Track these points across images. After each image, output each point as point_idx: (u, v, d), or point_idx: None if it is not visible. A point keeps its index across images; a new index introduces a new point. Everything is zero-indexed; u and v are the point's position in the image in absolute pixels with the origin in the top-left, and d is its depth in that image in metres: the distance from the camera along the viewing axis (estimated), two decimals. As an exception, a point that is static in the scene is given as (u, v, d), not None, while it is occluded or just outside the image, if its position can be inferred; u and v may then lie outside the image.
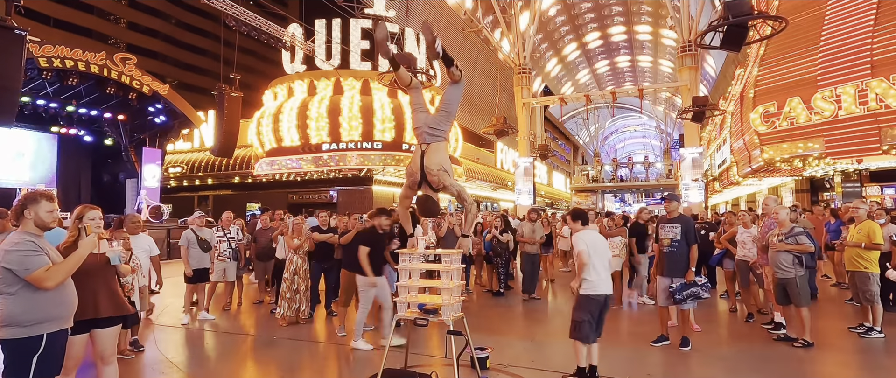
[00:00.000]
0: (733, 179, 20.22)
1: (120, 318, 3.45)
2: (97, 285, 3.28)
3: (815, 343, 5.36)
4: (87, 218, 3.26)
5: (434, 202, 4.00)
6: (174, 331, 6.57)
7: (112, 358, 3.42)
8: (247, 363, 5.31)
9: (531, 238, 8.89)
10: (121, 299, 3.45)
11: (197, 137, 28.66)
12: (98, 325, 3.30)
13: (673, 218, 5.65)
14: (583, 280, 4.39)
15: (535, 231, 8.95)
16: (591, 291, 4.36)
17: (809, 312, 5.38)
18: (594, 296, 4.35)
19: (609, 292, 4.45)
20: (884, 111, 12.16)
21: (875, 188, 14.99)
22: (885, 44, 12.41)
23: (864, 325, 5.92)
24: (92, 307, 3.22)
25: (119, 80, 17.34)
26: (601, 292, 4.37)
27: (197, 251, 6.97)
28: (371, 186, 22.88)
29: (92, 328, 3.28)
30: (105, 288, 3.34)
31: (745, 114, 15.54)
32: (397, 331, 5.41)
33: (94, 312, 3.25)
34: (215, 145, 18.87)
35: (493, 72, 34.25)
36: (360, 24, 22.88)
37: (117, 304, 3.40)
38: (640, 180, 41.78)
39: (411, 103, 4.35)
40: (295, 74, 23.65)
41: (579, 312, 4.35)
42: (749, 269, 6.78)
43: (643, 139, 63.94)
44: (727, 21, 8.83)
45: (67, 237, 3.25)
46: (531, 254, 8.84)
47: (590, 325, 4.31)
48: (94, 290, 3.26)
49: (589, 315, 4.32)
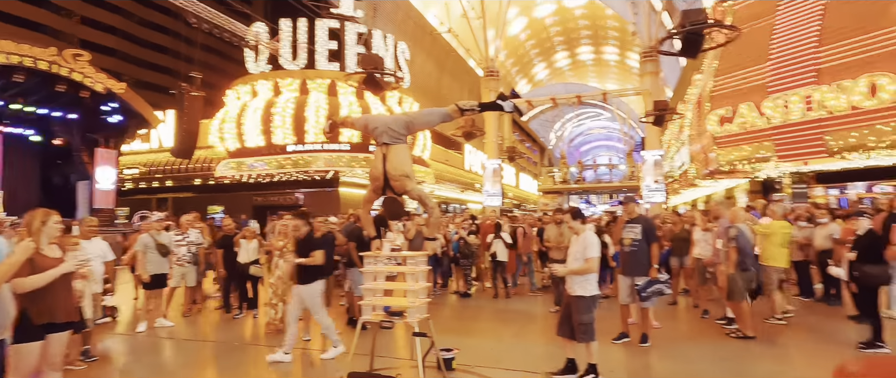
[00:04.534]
0: (692, 181, 21.00)
1: (72, 323, 3.41)
2: (55, 290, 3.22)
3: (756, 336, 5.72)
4: (53, 223, 3.22)
5: (399, 204, 4.01)
6: (129, 339, 6.32)
7: (60, 365, 3.37)
8: (206, 371, 5.16)
9: (559, 242, 7.60)
10: (74, 305, 3.40)
11: (155, 138, 27.60)
12: (54, 330, 3.24)
13: (633, 218, 5.84)
14: (585, 280, 4.40)
15: (563, 234, 7.66)
16: (595, 291, 4.44)
17: (748, 307, 5.78)
18: (596, 295, 4.44)
19: None
20: (827, 117, 12.90)
21: (820, 189, 15.86)
22: (830, 54, 13.16)
23: (774, 317, 6.50)
24: (48, 312, 3.18)
25: (70, 78, 16.52)
26: (597, 292, 4.48)
27: (155, 256, 6.73)
28: (338, 188, 22.59)
29: (47, 333, 3.20)
30: (62, 293, 3.29)
31: (702, 118, 16.19)
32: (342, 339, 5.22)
33: (50, 317, 3.20)
34: (175, 146, 18.25)
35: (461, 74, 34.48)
36: (326, 25, 22.58)
37: (71, 310, 3.38)
38: (605, 182, 42.88)
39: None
40: (259, 74, 23.11)
41: (588, 314, 4.37)
42: (704, 267, 7.08)
43: (607, 142, 65.61)
44: (684, 28, 9.22)
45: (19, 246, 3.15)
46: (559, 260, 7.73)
47: (593, 323, 4.39)
48: (52, 295, 3.20)
49: (593, 315, 4.41)
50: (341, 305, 7.68)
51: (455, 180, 31.63)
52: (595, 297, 4.41)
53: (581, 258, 4.36)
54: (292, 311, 5.20)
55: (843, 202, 14.64)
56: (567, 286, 4.49)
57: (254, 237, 7.42)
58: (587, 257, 4.31)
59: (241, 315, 7.35)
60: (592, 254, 4.31)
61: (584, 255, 4.33)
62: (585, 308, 4.36)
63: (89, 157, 19.61)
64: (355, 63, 20.83)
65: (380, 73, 11.38)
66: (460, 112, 4.08)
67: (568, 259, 4.56)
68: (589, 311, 4.36)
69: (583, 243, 4.38)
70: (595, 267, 4.33)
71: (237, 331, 6.63)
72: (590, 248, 4.33)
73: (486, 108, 4.40)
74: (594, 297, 4.41)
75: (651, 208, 19.30)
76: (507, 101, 4.15)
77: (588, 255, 4.31)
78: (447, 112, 4.13)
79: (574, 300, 4.41)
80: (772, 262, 6.43)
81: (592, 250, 4.32)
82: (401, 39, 25.87)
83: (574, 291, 4.40)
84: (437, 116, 4.24)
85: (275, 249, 6.46)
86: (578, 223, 4.53)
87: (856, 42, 12.63)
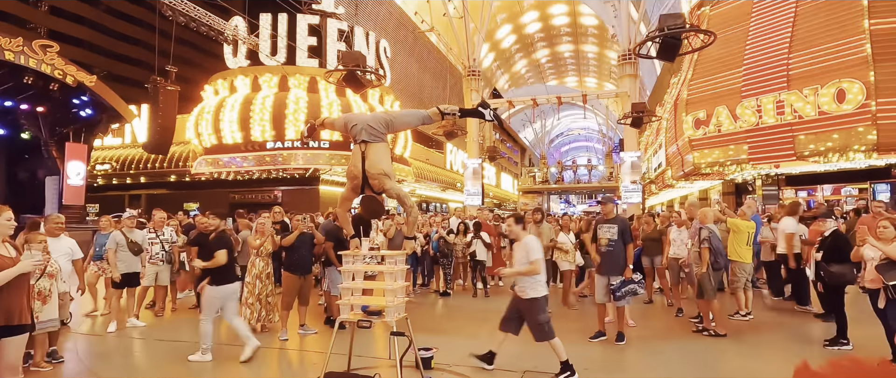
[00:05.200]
0: (668, 182, 21.41)
1: (29, 325, 3.26)
2: (10, 291, 3.07)
3: (726, 333, 5.89)
4: (4, 220, 3.04)
5: (378, 203, 3.99)
6: (99, 340, 6.14)
7: (18, 369, 3.22)
8: (178, 371, 5.05)
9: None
10: (30, 306, 3.25)
11: (128, 132, 26.90)
12: (10, 333, 3.09)
13: (610, 218, 5.93)
14: (535, 282, 4.51)
15: (542, 233, 7.83)
16: (544, 292, 4.56)
17: (719, 305, 5.99)
18: (545, 295, 4.58)
19: None
20: (797, 121, 13.31)
21: (790, 191, 16.35)
22: (800, 60, 13.58)
23: (739, 313, 6.75)
24: (4, 314, 3.03)
25: (38, 69, 15.95)
26: (546, 292, 4.59)
27: (126, 254, 6.55)
28: (318, 186, 22.35)
29: (2, 337, 3.06)
30: (18, 294, 3.13)
31: (678, 121, 16.53)
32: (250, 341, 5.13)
33: (6, 320, 3.04)
34: (149, 141, 17.78)
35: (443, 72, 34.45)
36: (306, 20, 22.31)
37: (26, 312, 3.21)
38: (584, 182, 43.38)
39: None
40: (238, 69, 22.71)
41: (543, 314, 4.49)
42: (679, 267, 7.23)
43: (587, 143, 66.44)
44: (662, 33, 9.39)
45: None
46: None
47: (549, 321, 4.50)
48: (6, 296, 3.05)
49: (547, 314, 4.51)
50: (319, 305, 7.61)
51: (436, 179, 31.61)
52: (545, 297, 4.55)
53: (525, 262, 4.48)
54: (206, 312, 5.16)
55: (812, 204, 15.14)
56: (517, 289, 4.60)
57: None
58: (531, 260, 4.43)
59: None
60: (535, 257, 4.43)
61: (527, 259, 4.46)
62: (538, 309, 4.49)
63: (58, 152, 18.97)
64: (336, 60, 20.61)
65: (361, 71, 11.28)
66: (441, 115, 4.08)
67: (513, 263, 4.72)
68: (542, 312, 4.49)
69: (525, 248, 4.51)
70: (539, 268, 4.45)
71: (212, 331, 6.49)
72: (532, 252, 4.46)
73: (467, 114, 4.40)
74: (544, 297, 4.54)
75: (628, 209, 19.61)
76: (487, 109, 4.16)
77: (531, 258, 4.43)
78: (428, 114, 4.12)
79: (526, 304, 4.51)
80: (738, 259, 6.63)
81: (535, 253, 4.45)
82: (382, 37, 25.74)
83: (525, 295, 4.50)
84: (417, 118, 4.23)
85: (252, 247, 6.35)
86: (519, 228, 4.68)
87: (824, 50, 13.06)
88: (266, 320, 6.30)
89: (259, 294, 6.24)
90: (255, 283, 6.23)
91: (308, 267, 6.29)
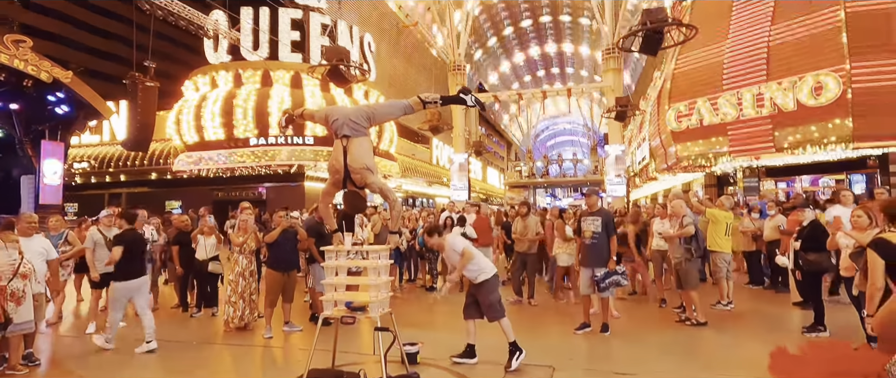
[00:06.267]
0: (651, 175, 21.66)
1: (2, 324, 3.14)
2: None
3: (708, 322, 5.98)
4: None
5: (361, 198, 3.95)
6: (78, 341, 6.01)
7: None
8: (164, 372, 4.96)
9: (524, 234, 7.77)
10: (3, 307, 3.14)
11: (107, 130, 26.33)
12: None
13: (594, 211, 5.97)
14: (479, 268, 4.77)
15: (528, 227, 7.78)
16: (490, 273, 4.82)
17: (698, 295, 6.05)
18: (494, 276, 4.84)
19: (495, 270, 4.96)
20: (777, 114, 13.53)
21: (770, 183, 16.65)
22: (779, 52, 13.79)
23: (720, 303, 6.82)
24: None
25: (11, 65, 15.49)
26: (494, 271, 4.89)
27: (104, 253, 6.40)
28: (303, 183, 22.14)
29: None
30: None
31: (661, 114, 16.69)
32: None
33: None
34: (128, 138, 17.40)
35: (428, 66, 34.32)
36: (289, 14, 22.01)
37: None
38: (569, 176, 43.70)
39: None
40: (219, 64, 22.33)
41: (494, 293, 4.76)
42: (662, 258, 7.32)
43: (572, 137, 66.83)
44: (645, 26, 9.46)
45: None
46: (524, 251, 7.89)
47: (500, 300, 4.79)
48: None
49: (498, 294, 4.81)
50: (305, 302, 7.55)
51: (423, 174, 31.55)
52: (495, 275, 4.84)
53: (456, 256, 4.79)
54: (113, 306, 5.43)
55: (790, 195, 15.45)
56: (470, 278, 4.83)
57: (212, 233, 7.18)
58: (459, 251, 4.77)
59: (199, 313, 7.11)
60: (460, 247, 4.78)
61: (457, 252, 4.78)
62: (490, 289, 4.74)
63: (34, 150, 18.47)
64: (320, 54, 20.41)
65: (345, 66, 11.17)
66: (422, 104, 4.04)
67: (449, 266, 5.13)
68: (493, 291, 4.75)
69: (451, 248, 4.85)
70: (471, 253, 4.74)
71: (195, 330, 6.41)
72: (456, 248, 4.81)
73: (448, 101, 4.38)
74: (494, 275, 4.83)
75: (613, 202, 19.80)
76: (469, 96, 4.13)
77: (458, 251, 4.77)
78: (409, 104, 4.08)
79: (477, 287, 4.78)
80: (718, 249, 6.72)
81: (458, 246, 4.80)
82: (366, 31, 25.50)
83: (477, 279, 4.76)
84: (398, 109, 4.19)
85: (235, 245, 6.26)
86: (436, 237, 4.94)
87: (802, 43, 13.28)
88: (250, 318, 6.22)
89: (242, 292, 6.14)
90: (238, 281, 6.14)
91: (292, 264, 6.23)
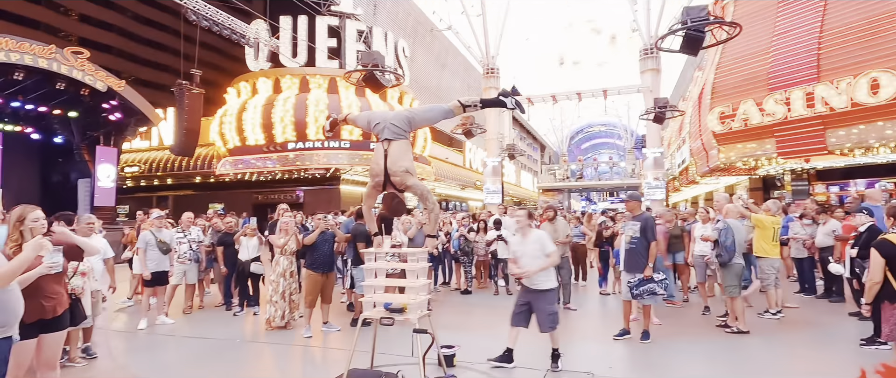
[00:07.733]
0: (692, 178, 20.98)
1: (67, 319, 3.34)
2: (44, 286, 3.14)
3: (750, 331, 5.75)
4: (31, 220, 3.11)
5: (400, 201, 3.99)
6: (130, 337, 6.32)
7: (56, 363, 3.31)
8: (209, 368, 5.16)
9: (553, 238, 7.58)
10: (66, 300, 3.33)
11: (155, 136, 27.56)
12: (46, 328, 3.17)
13: (635, 216, 5.83)
14: (548, 275, 4.76)
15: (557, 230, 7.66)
16: (555, 284, 4.88)
17: (742, 302, 5.85)
18: (556, 286, 4.92)
19: None
20: (829, 114, 12.86)
21: (821, 186, 15.84)
22: (831, 50, 13.12)
23: (769, 312, 6.49)
24: (38, 308, 3.10)
25: (70, 76, 16.50)
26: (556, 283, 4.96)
27: (155, 253, 6.72)
28: (339, 186, 22.59)
29: (40, 332, 3.15)
30: (51, 288, 3.19)
31: (703, 115, 16.15)
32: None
33: (41, 313, 3.12)
34: (175, 144, 18.20)
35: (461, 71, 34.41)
36: (326, 22, 22.54)
37: (63, 305, 3.29)
38: (605, 179, 42.79)
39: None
40: (260, 72, 23.09)
41: (553, 305, 4.79)
42: (705, 264, 7.08)
43: (608, 139, 65.48)
44: (686, 26, 9.18)
45: (8, 240, 3.08)
46: None
47: (557, 313, 4.84)
48: (42, 291, 3.13)
49: (555, 305, 4.86)
50: (342, 303, 7.69)
51: (456, 178, 31.61)
52: (556, 288, 4.93)
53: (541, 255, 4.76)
54: None
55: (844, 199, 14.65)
56: (526, 282, 4.78)
57: (254, 235, 7.43)
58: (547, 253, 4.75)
59: (242, 312, 7.36)
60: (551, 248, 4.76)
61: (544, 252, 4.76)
62: (551, 299, 4.78)
63: (89, 155, 19.59)
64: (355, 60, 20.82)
65: (380, 71, 11.34)
66: (462, 108, 4.06)
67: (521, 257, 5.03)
68: (553, 303, 4.82)
69: (540, 242, 4.79)
70: (557, 260, 4.86)
71: (238, 328, 6.63)
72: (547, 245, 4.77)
73: (488, 104, 4.37)
74: (556, 288, 4.92)
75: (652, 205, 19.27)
76: (509, 98, 4.12)
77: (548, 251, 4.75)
78: (449, 108, 4.10)
79: (537, 295, 4.75)
80: (765, 255, 6.42)
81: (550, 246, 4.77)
82: (401, 36, 25.82)
83: (539, 287, 4.71)
84: (439, 112, 4.21)
85: (276, 246, 6.45)
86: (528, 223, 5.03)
87: (856, 39, 12.59)
88: (290, 318, 6.40)
89: (283, 292, 6.33)
90: (279, 281, 6.32)
91: (330, 265, 6.36)
